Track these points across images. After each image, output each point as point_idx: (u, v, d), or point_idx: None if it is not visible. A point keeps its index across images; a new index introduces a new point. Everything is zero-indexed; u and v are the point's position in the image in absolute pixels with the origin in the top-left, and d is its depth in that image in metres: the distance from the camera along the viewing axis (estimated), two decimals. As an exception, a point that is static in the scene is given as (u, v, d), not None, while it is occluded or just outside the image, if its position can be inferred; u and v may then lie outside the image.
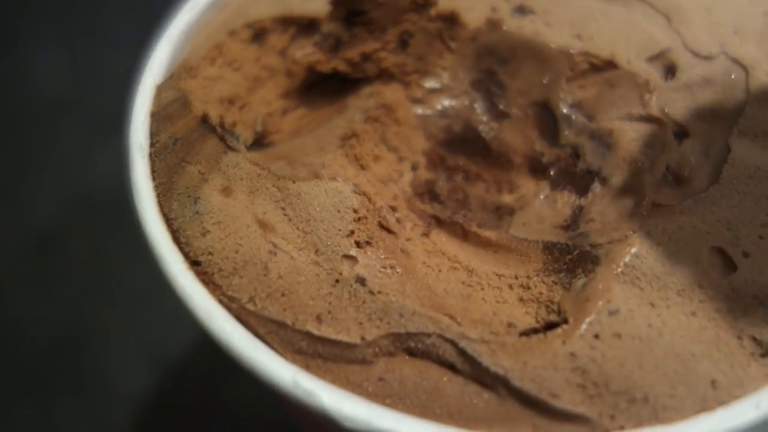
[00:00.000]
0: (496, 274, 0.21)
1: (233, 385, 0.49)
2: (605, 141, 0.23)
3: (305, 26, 0.26)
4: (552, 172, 0.24)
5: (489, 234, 0.22)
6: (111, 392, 0.49)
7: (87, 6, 0.76)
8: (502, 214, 0.23)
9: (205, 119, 0.23)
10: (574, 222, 0.22)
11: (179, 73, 0.24)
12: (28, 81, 0.69)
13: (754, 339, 0.18)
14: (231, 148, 0.22)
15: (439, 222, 0.22)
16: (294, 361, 0.19)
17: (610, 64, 0.24)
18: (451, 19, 0.25)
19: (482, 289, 0.20)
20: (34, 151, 0.63)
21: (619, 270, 0.19)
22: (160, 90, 0.24)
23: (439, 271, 0.21)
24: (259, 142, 0.24)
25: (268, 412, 0.48)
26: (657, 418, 0.17)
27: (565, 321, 0.19)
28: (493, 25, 0.25)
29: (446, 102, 0.26)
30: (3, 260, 0.56)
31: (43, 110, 0.66)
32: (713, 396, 0.17)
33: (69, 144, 0.63)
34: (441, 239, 0.22)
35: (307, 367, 0.19)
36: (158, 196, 0.22)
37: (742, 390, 0.17)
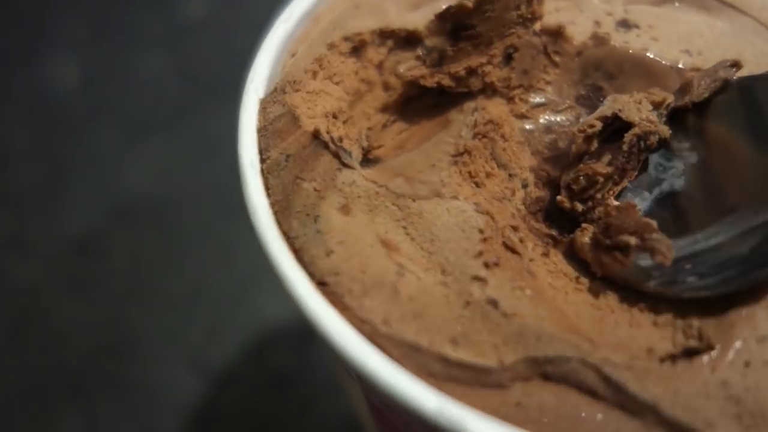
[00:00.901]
0: (624, 296, 0.20)
1: (280, 394, 0.49)
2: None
3: (402, 39, 0.26)
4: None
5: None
6: (156, 401, 0.49)
7: (118, 8, 0.76)
8: None
9: (316, 135, 0.23)
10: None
11: (284, 87, 0.24)
12: (62, 85, 0.69)
13: None
14: (345, 165, 0.22)
15: (556, 242, 0.22)
16: (429, 384, 0.18)
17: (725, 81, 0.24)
18: (557, 34, 0.25)
19: (612, 312, 0.20)
20: (71, 157, 0.63)
21: (762, 294, 0.19)
22: (265, 104, 0.24)
23: (566, 293, 0.20)
24: (365, 158, 0.24)
25: (318, 423, 0.48)
26: (818, 450, 0.17)
27: (710, 347, 0.18)
28: (600, 40, 0.25)
29: (551, 117, 0.25)
30: (45, 267, 0.56)
31: (77, 115, 0.66)
32: None
33: (106, 148, 0.64)
34: (560, 259, 0.22)
35: (441, 390, 0.18)
36: (275, 213, 0.21)
37: None
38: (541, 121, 0.25)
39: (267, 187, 0.22)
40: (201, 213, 0.58)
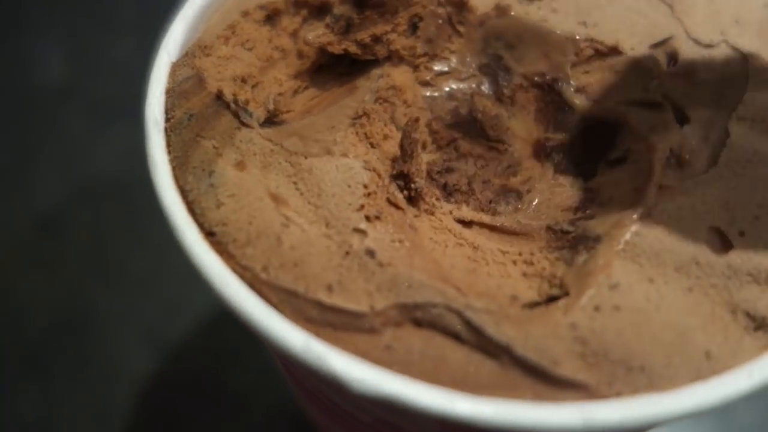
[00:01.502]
0: (501, 251, 0.22)
1: (233, 368, 0.50)
2: (609, 125, 0.24)
3: (317, 8, 0.27)
4: (556, 156, 0.24)
5: (493, 221, 0.22)
6: (111, 375, 0.50)
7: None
8: (508, 195, 0.24)
9: (219, 96, 0.24)
10: (583, 204, 0.23)
11: (194, 52, 0.25)
12: (30, 67, 0.69)
13: (748, 314, 0.19)
14: (245, 125, 0.23)
15: (448, 200, 0.23)
16: (305, 329, 0.19)
17: (614, 51, 0.25)
18: (461, 4, 0.26)
19: (487, 264, 0.21)
20: (36, 137, 0.64)
21: (620, 247, 0.20)
22: (175, 67, 0.25)
23: (446, 246, 0.21)
24: (271, 121, 0.25)
25: (267, 396, 0.49)
26: (653, 386, 0.18)
27: (567, 294, 0.19)
28: (501, 10, 0.26)
29: (454, 85, 0.26)
30: (6, 245, 0.56)
31: (45, 96, 0.67)
32: (707, 366, 0.18)
33: (71, 130, 0.64)
34: (448, 217, 0.23)
35: (317, 335, 0.19)
36: (174, 169, 0.22)
37: (735, 361, 0.18)
38: (445, 88, 0.26)
39: (168, 145, 0.23)
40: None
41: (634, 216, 0.20)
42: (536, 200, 0.23)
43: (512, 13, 0.26)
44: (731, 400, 0.18)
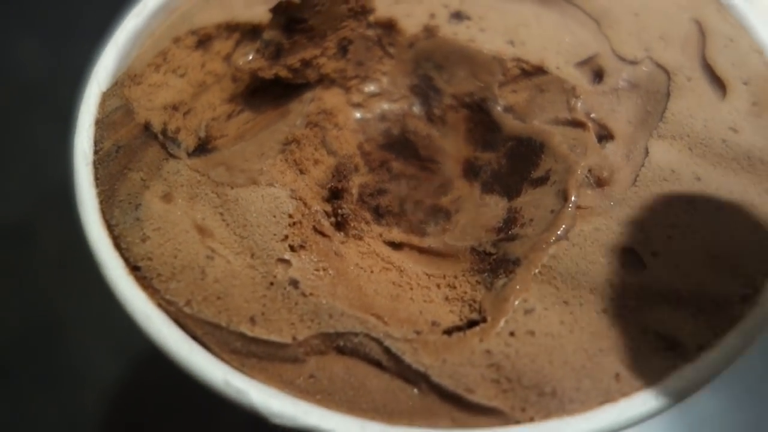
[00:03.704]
0: (426, 274, 0.22)
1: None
2: (534, 144, 0.24)
3: (249, 32, 0.27)
4: (484, 175, 0.25)
5: (421, 242, 0.23)
6: (81, 383, 0.50)
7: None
8: (438, 215, 0.24)
9: (147, 127, 0.24)
10: (506, 224, 0.23)
11: (123, 81, 0.25)
12: (3, 70, 0.68)
13: (658, 333, 0.19)
14: (172, 155, 0.23)
15: (379, 222, 0.24)
16: (230, 361, 0.20)
17: (540, 70, 0.25)
18: (389, 26, 0.26)
19: (411, 288, 0.21)
20: (5, 142, 0.63)
21: (537, 270, 0.20)
22: (105, 97, 0.25)
23: (371, 272, 0.22)
24: (204, 147, 0.25)
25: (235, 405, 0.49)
26: (564, 410, 0.18)
27: (485, 320, 0.20)
28: (430, 31, 0.26)
29: (385, 106, 0.26)
30: (-28, 253, 0.56)
31: (15, 101, 0.66)
32: (617, 388, 0.18)
33: (41, 135, 0.63)
34: (378, 241, 0.23)
35: (242, 366, 0.20)
36: (101, 203, 0.22)
37: (644, 381, 0.19)
38: (376, 109, 0.26)
39: (96, 178, 0.23)
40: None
41: (552, 239, 0.21)
42: (463, 220, 0.24)
43: (440, 34, 0.26)
44: (640, 421, 0.18)
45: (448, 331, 0.20)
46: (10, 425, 0.48)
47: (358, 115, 0.26)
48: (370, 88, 0.27)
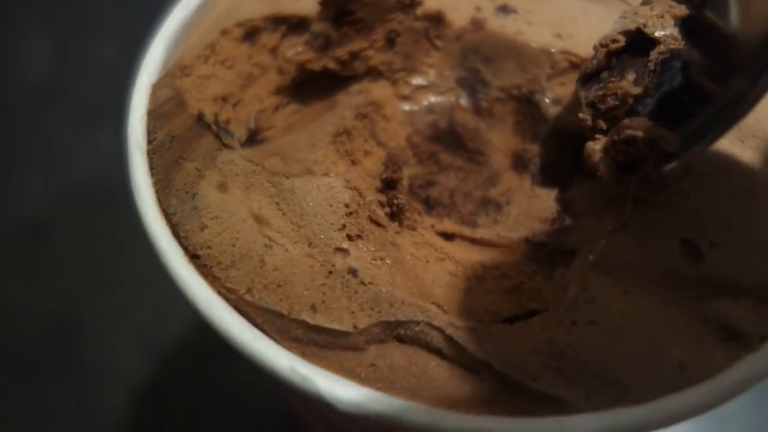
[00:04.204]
0: (481, 265, 0.22)
1: (224, 370, 0.50)
2: (584, 136, 0.24)
3: (295, 25, 0.27)
4: (533, 167, 0.25)
5: (473, 233, 0.23)
6: (104, 378, 0.50)
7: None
8: (488, 207, 0.24)
9: (200, 117, 0.24)
10: (559, 215, 0.23)
11: (174, 72, 0.25)
12: (15, 68, 0.69)
13: (720, 324, 0.19)
14: (226, 146, 0.23)
15: (430, 213, 0.24)
16: (290, 349, 0.20)
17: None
18: (437, 19, 0.26)
19: (468, 279, 0.22)
20: (22, 140, 0.63)
21: (595, 260, 0.20)
22: (156, 88, 0.25)
23: (427, 261, 0.22)
24: (253, 139, 0.25)
25: (257, 396, 0.49)
26: (628, 399, 0.18)
27: (545, 309, 0.20)
28: (477, 24, 0.26)
29: (432, 99, 0.27)
30: (-5, 249, 0.56)
31: (31, 98, 0.67)
32: (681, 378, 0.19)
33: (58, 132, 0.64)
34: (430, 232, 0.23)
35: (303, 354, 0.20)
36: (157, 192, 0.23)
37: (708, 372, 0.19)
38: (424, 102, 0.27)
39: (151, 167, 0.23)
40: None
41: (609, 229, 0.21)
42: (515, 212, 0.24)
43: (488, 27, 0.26)
44: (705, 410, 0.18)
45: (508, 321, 0.20)
46: (34, 421, 0.48)
47: (405, 107, 0.26)
48: (417, 80, 0.27)
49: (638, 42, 0.21)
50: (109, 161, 0.61)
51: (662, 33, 0.21)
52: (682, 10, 0.21)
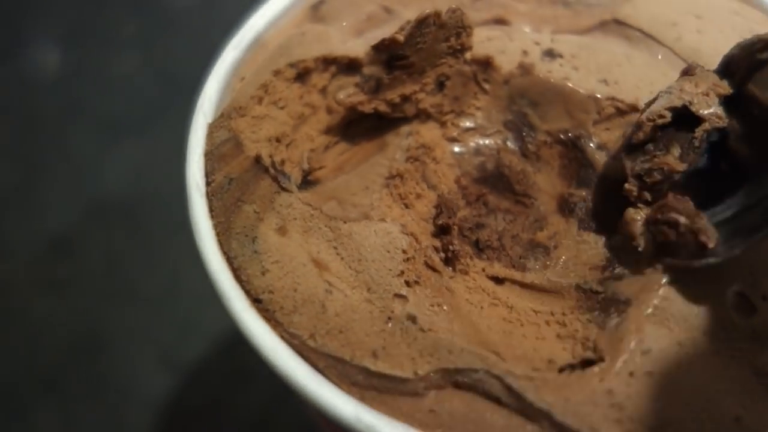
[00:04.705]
0: (533, 310, 0.23)
1: (247, 389, 0.51)
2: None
3: (345, 66, 0.28)
4: (579, 212, 0.25)
5: (523, 278, 0.23)
6: (127, 395, 0.51)
7: (93, 7, 0.76)
8: (536, 251, 0.25)
9: (258, 160, 0.24)
10: (609, 262, 0.24)
11: (229, 113, 0.26)
12: (36, 84, 0.69)
13: (773, 377, 0.20)
14: (283, 188, 0.24)
15: (480, 256, 0.24)
16: (350, 393, 0.20)
17: (634, 109, 0.26)
18: (486, 63, 0.27)
19: (522, 325, 0.22)
20: (45, 156, 0.64)
21: (649, 311, 0.21)
22: (212, 129, 0.26)
23: (481, 308, 0.22)
24: (307, 180, 0.26)
25: (281, 416, 0.50)
26: (687, 451, 0.19)
27: (601, 359, 0.20)
28: (525, 69, 0.27)
29: (480, 141, 0.27)
30: (19, 265, 0.57)
31: (52, 114, 0.67)
32: (737, 431, 0.19)
33: (80, 148, 0.65)
34: (481, 276, 0.24)
35: (362, 399, 0.20)
36: (218, 234, 0.23)
37: (763, 424, 0.19)
38: (471, 144, 0.27)
39: (211, 209, 0.24)
40: (173, 213, 0.59)
41: (663, 280, 0.21)
42: (563, 257, 0.24)
43: (535, 72, 0.27)
44: (760, 463, 0.19)
45: (564, 369, 0.21)
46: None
47: (455, 149, 0.27)
48: (466, 123, 0.27)
49: (684, 116, 0.22)
50: (130, 176, 0.62)
51: (707, 111, 0.22)
52: (725, 88, 0.22)
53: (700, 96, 0.22)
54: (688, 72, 0.23)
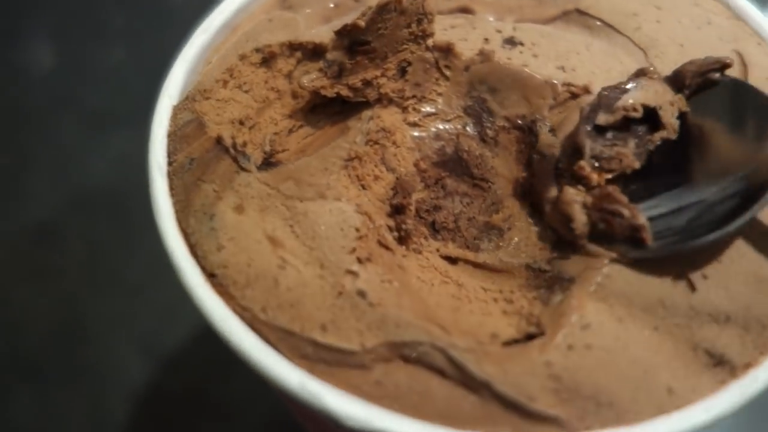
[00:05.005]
0: (483, 288, 0.23)
1: (227, 377, 0.51)
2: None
3: (310, 51, 0.28)
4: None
5: (476, 258, 0.24)
6: (106, 383, 0.51)
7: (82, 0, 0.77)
8: (491, 232, 0.26)
9: (219, 140, 0.25)
10: (558, 243, 0.24)
11: (194, 95, 0.26)
12: (23, 74, 0.70)
13: (708, 352, 0.21)
14: (243, 169, 0.25)
15: (435, 237, 0.25)
16: (300, 366, 0.21)
17: (586, 91, 0.26)
18: (447, 50, 0.28)
19: (470, 302, 0.23)
20: (30, 146, 0.64)
21: (592, 288, 0.22)
22: (177, 111, 0.26)
23: (432, 284, 0.23)
24: (267, 161, 0.26)
25: (260, 404, 0.50)
26: (620, 420, 0.19)
27: (543, 333, 0.21)
28: (485, 55, 0.27)
29: (440, 126, 0.28)
30: (2, 253, 0.57)
31: (38, 105, 0.68)
32: (669, 401, 0.20)
33: (65, 138, 0.65)
34: (435, 255, 0.24)
35: (312, 371, 0.21)
36: (177, 212, 0.24)
37: (694, 396, 0.20)
38: (431, 129, 0.28)
39: (171, 188, 0.24)
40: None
41: (606, 260, 0.22)
42: (516, 238, 0.25)
43: (495, 59, 0.27)
44: (691, 432, 0.19)
45: (508, 343, 0.21)
46: (36, 424, 0.49)
47: (414, 133, 0.27)
48: (426, 108, 0.28)
49: (648, 116, 0.23)
50: (116, 167, 0.63)
51: (671, 122, 0.23)
52: (684, 106, 0.24)
53: (668, 105, 0.23)
54: (642, 73, 0.24)
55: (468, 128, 0.28)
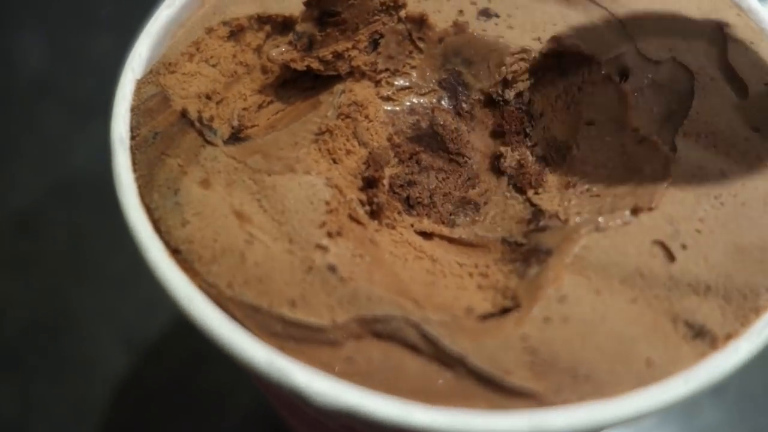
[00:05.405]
0: (458, 263, 0.22)
1: (208, 369, 0.50)
2: (560, 141, 0.25)
3: (280, 24, 0.27)
4: (511, 170, 0.25)
5: (451, 233, 0.23)
6: (88, 374, 0.50)
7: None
8: (467, 207, 0.25)
9: (184, 114, 0.24)
10: (534, 216, 0.24)
11: (158, 69, 0.25)
12: (8, 63, 0.68)
13: (687, 323, 0.20)
14: (209, 142, 0.24)
15: (410, 213, 0.24)
16: (269, 343, 0.20)
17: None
18: (420, 21, 0.27)
19: (444, 276, 0.22)
20: (12, 134, 0.63)
21: (569, 260, 0.21)
22: (140, 85, 0.25)
23: (405, 260, 0.22)
24: (236, 136, 0.25)
25: (241, 395, 0.49)
26: (597, 393, 0.19)
27: (518, 306, 0.20)
28: (459, 27, 0.27)
29: (415, 99, 0.27)
30: (-18, 243, 0.56)
31: (23, 93, 0.66)
32: (648, 373, 0.19)
33: (49, 127, 0.64)
34: (409, 231, 0.23)
35: (282, 349, 0.20)
36: (140, 187, 0.23)
37: (674, 368, 0.19)
38: (406, 103, 0.27)
39: (134, 163, 0.23)
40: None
41: (583, 230, 0.21)
42: (492, 212, 0.24)
43: (470, 31, 0.27)
44: (670, 405, 0.19)
45: (483, 317, 0.21)
46: (16, 415, 0.48)
47: (387, 107, 0.27)
48: (400, 81, 0.27)
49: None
50: (99, 157, 0.61)
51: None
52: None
53: None
54: None
55: (443, 102, 0.27)
